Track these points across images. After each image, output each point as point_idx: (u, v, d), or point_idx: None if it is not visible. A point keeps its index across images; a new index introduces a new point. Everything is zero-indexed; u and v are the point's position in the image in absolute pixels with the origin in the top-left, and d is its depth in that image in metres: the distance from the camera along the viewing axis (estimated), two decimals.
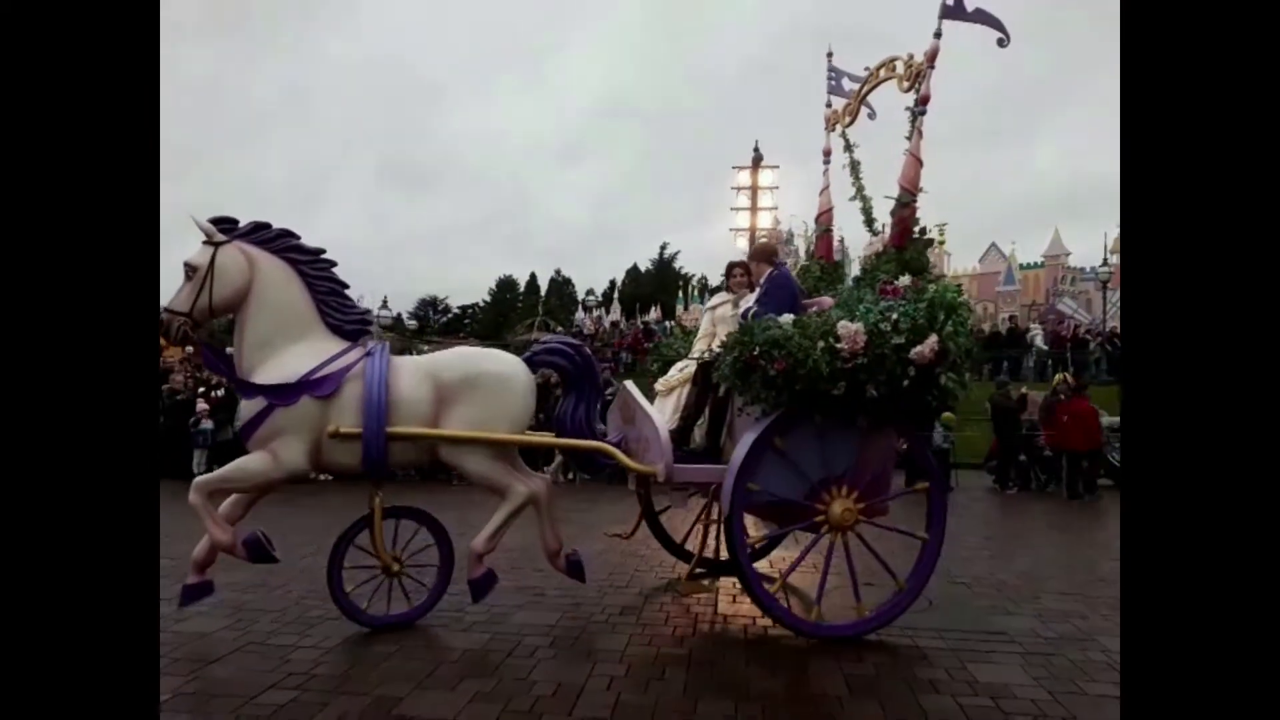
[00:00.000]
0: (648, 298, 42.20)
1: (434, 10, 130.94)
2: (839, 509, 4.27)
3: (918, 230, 4.70)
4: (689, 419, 4.86)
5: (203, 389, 12.96)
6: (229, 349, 4.33)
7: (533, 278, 58.74)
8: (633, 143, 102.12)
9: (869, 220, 5.17)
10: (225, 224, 4.14)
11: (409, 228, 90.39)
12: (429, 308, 56.39)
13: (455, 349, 4.73)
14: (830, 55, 5.79)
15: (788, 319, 4.21)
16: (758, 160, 30.71)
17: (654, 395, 5.27)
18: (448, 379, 4.26)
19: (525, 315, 41.25)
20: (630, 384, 5.06)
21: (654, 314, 34.90)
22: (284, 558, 5.74)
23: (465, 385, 4.26)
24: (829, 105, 5.81)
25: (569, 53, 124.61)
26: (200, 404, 12.57)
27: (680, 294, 38.26)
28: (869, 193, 5.19)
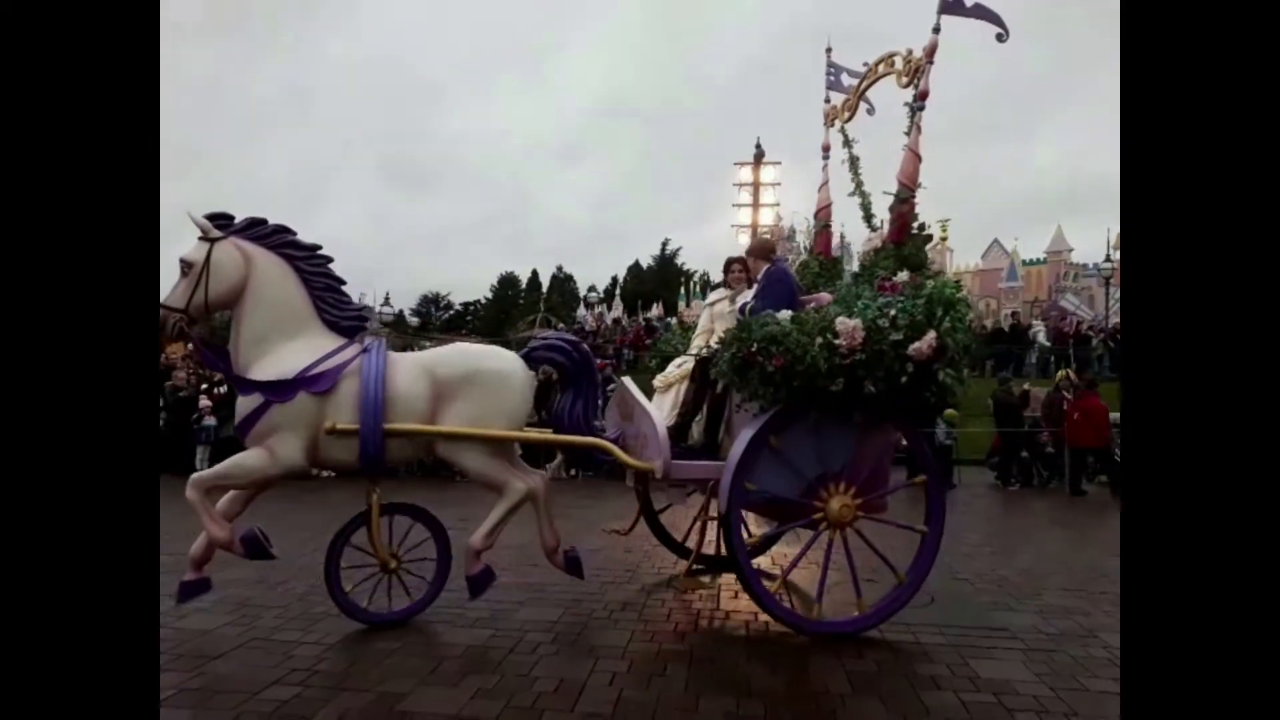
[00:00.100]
0: (650, 294, 42.11)
1: (434, 10, 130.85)
2: (837, 505, 4.27)
3: (916, 226, 4.71)
4: (687, 415, 4.87)
5: (205, 385, 12.99)
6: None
7: (534, 275, 58.62)
8: (633, 141, 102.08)
9: (868, 216, 5.18)
10: (221, 220, 4.12)
11: (410, 227, 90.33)
12: (431, 305, 56.37)
13: (453, 345, 4.72)
14: (829, 51, 5.79)
15: (785, 315, 4.21)
16: (759, 157, 30.71)
17: (653, 392, 5.28)
18: (445, 375, 4.25)
19: (527, 312, 41.19)
20: (628, 380, 5.07)
21: (656, 311, 34.82)
22: (287, 554, 5.78)
23: (462, 381, 4.25)
24: (828, 101, 5.81)
25: (569, 52, 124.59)
26: (203, 400, 12.62)
27: (682, 290, 38.18)
28: (868, 188, 5.20)
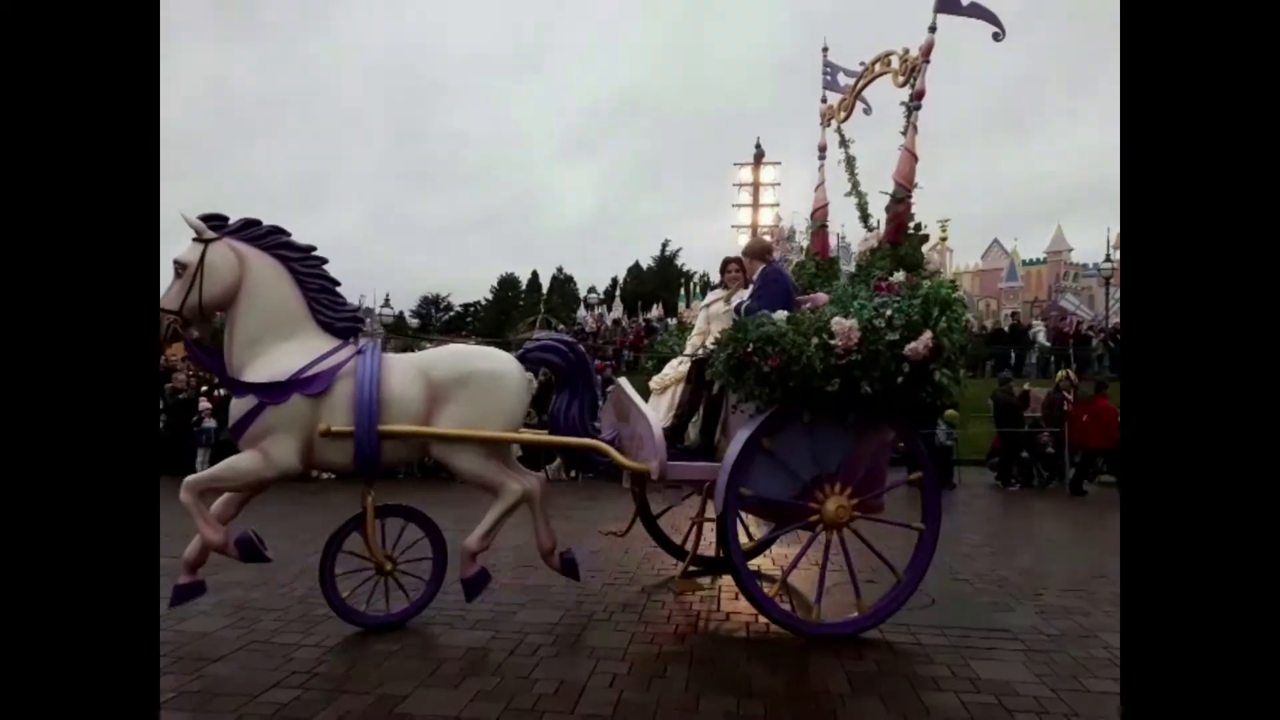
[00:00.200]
0: (650, 295, 42.13)
1: (436, 9, 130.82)
2: (833, 506, 4.26)
3: (913, 226, 4.70)
4: (683, 416, 4.87)
5: (205, 388, 12.99)
6: None
7: (534, 276, 58.61)
8: (634, 141, 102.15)
9: (864, 216, 5.17)
10: (215, 221, 4.11)
11: (411, 226, 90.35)
12: (431, 306, 56.39)
13: (448, 346, 4.71)
14: (825, 50, 5.76)
15: (781, 315, 4.20)
16: (759, 157, 30.68)
17: (650, 393, 5.28)
18: (440, 377, 4.23)
19: (527, 313, 41.15)
20: (624, 381, 5.06)
21: (656, 311, 34.82)
22: (287, 556, 5.78)
23: (457, 383, 4.23)
24: (824, 100, 5.79)
25: (570, 52, 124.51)
26: (203, 403, 12.61)
27: (682, 291, 38.19)
28: (865, 188, 5.19)
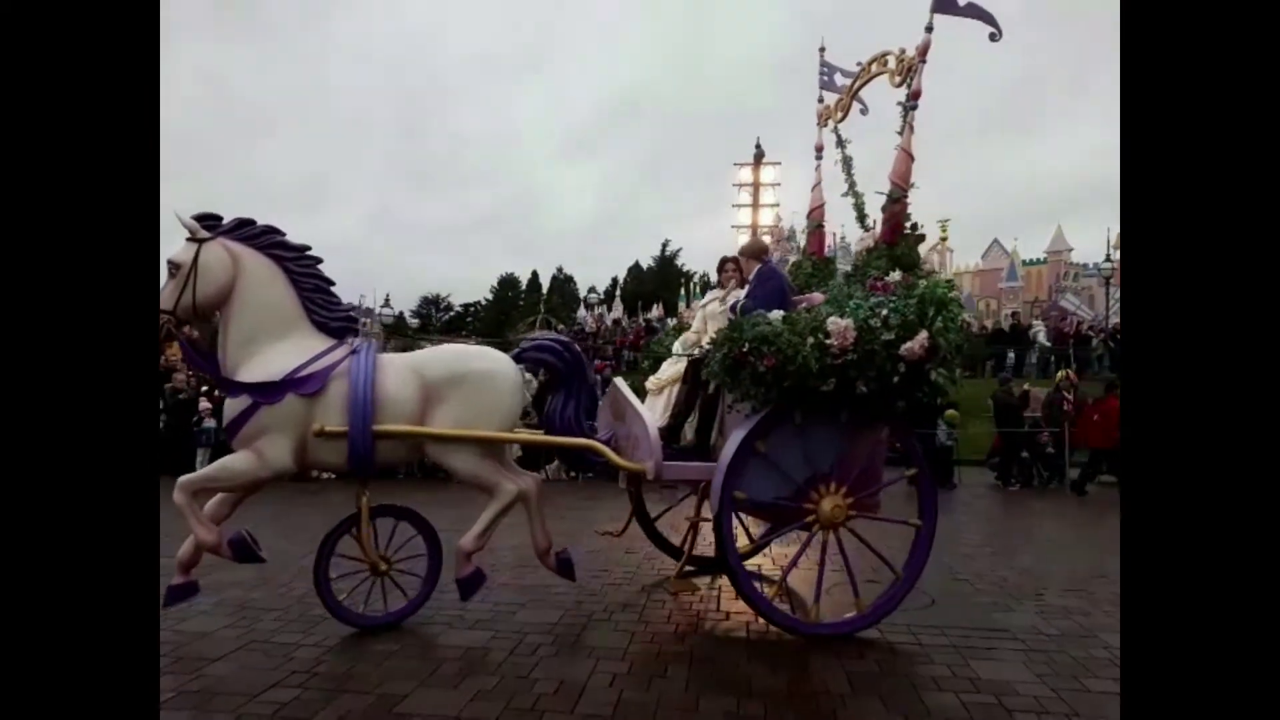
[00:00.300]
0: (650, 295, 42.14)
1: (436, 9, 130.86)
2: (828, 506, 4.26)
3: (909, 226, 4.70)
4: (679, 416, 4.86)
5: (205, 388, 12.98)
6: None
7: (534, 276, 58.64)
8: (635, 140, 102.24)
9: (861, 216, 5.17)
10: (209, 221, 4.10)
11: (411, 226, 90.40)
12: (431, 306, 56.41)
13: (443, 346, 4.70)
14: (823, 50, 5.76)
15: (777, 315, 4.20)
16: (759, 157, 30.73)
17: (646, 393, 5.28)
18: (434, 377, 4.23)
19: (527, 313, 41.15)
20: (620, 381, 5.06)
21: (656, 311, 34.83)
22: (286, 556, 5.79)
23: (452, 383, 4.23)
24: (821, 101, 5.79)
25: (570, 52, 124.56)
26: (203, 403, 12.61)
27: (682, 291, 38.20)
28: (861, 188, 5.19)
